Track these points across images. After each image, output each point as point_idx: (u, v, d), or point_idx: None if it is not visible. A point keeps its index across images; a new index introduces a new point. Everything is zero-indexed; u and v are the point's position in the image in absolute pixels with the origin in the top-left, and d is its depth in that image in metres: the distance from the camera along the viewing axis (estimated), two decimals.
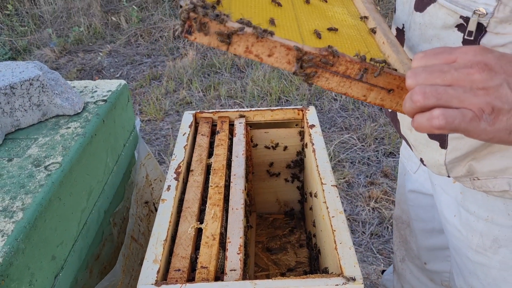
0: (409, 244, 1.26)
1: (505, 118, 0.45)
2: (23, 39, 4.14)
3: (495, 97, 0.45)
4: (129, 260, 1.06)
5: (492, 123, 0.45)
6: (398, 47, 0.67)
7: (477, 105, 0.45)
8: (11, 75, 0.95)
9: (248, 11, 0.65)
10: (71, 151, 0.88)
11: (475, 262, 0.92)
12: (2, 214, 0.72)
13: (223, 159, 1.08)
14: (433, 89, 0.47)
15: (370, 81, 0.58)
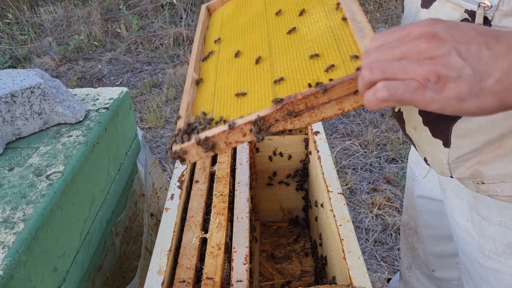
0: (416, 251, 1.24)
1: (453, 85, 0.43)
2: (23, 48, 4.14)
3: (441, 65, 0.44)
4: (145, 271, 1.04)
5: (439, 91, 0.44)
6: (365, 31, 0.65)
7: (422, 74, 0.44)
8: (12, 83, 0.93)
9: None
10: (73, 160, 0.87)
11: (487, 268, 0.90)
12: (3, 225, 0.70)
13: (227, 166, 1.07)
14: (379, 63, 0.46)
15: (334, 97, 0.57)
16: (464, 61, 0.43)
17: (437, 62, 0.44)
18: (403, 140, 2.68)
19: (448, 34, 0.44)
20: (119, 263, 1.07)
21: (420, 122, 0.82)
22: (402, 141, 2.68)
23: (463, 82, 0.43)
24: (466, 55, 0.43)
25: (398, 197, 2.34)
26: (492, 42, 0.44)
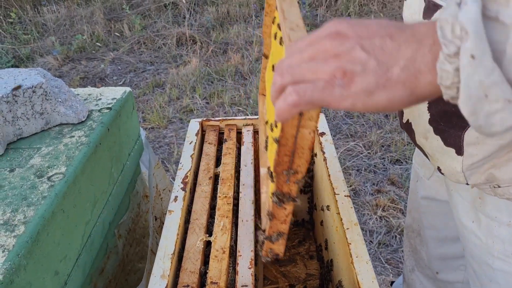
0: (419, 254, 1.23)
1: (360, 79, 0.42)
2: (26, 47, 4.13)
3: (346, 61, 0.43)
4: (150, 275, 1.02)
5: (346, 87, 0.43)
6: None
7: (329, 72, 0.43)
8: (13, 83, 0.92)
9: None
10: (75, 161, 0.85)
11: (496, 269, 0.88)
12: (3, 228, 0.69)
13: (231, 168, 1.05)
14: (288, 67, 0.45)
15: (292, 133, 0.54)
16: (368, 54, 0.43)
17: (342, 58, 0.43)
18: (408, 141, 2.65)
19: (351, 31, 0.44)
20: (122, 266, 1.05)
21: (431, 132, 0.81)
22: (406, 142, 2.66)
23: (369, 74, 0.42)
24: (370, 48, 0.43)
25: (402, 199, 2.32)
26: (396, 33, 0.43)
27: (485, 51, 0.37)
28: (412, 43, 0.42)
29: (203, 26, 4.36)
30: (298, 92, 0.44)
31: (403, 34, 0.43)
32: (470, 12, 0.37)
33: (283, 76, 0.46)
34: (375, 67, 0.42)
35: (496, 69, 0.37)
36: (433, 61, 0.40)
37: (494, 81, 0.36)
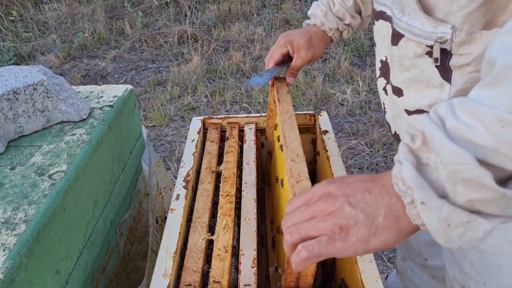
0: (409, 242, 1.26)
1: (355, 231, 0.50)
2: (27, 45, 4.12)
3: (340, 218, 0.51)
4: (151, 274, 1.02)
5: (345, 240, 0.51)
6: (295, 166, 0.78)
7: (328, 229, 0.51)
8: (14, 80, 0.91)
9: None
10: (76, 159, 0.84)
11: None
12: (4, 226, 0.68)
13: (233, 166, 1.04)
14: (295, 227, 0.54)
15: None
16: (356, 209, 0.51)
17: (336, 216, 0.51)
18: None
19: (339, 191, 0.53)
20: (123, 264, 1.05)
21: None
22: None
23: (361, 226, 0.50)
24: (356, 204, 0.51)
25: None
26: (371, 187, 0.52)
27: (430, 196, 0.44)
28: (385, 195, 0.50)
29: (205, 24, 4.35)
30: (307, 249, 0.52)
31: (376, 188, 0.51)
32: (406, 170, 0.46)
33: (291, 235, 0.54)
34: (364, 219, 0.50)
35: (444, 203, 0.44)
36: (403, 207, 0.48)
37: (447, 213, 0.44)
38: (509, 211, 0.43)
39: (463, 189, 0.43)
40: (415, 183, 0.45)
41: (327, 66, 3.50)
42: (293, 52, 1.08)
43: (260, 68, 3.56)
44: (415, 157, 0.46)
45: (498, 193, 0.41)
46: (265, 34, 4.12)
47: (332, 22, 1.08)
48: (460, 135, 0.43)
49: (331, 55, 3.64)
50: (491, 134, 0.41)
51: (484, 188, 0.41)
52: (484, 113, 0.41)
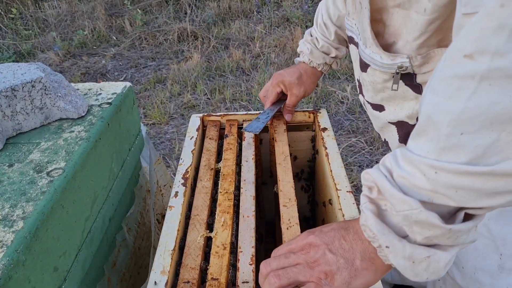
0: None
1: (338, 275, 0.55)
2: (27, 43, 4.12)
3: (324, 264, 0.56)
4: None
5: (331, 284, 0.55)
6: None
7: (315, 275, 0.56)
8: (12, 77, 0.91)
9: None
10: (74, 156, 0.84)
11: None
12: (2, 223, 0.68)
13: (232, 163, 1.04)
14: (284, 271, 0.58)
15: None
16: (336, 255, 0.56)
17: (320, 263, 0.57)
18: None
19: (319, 240, 0.58)
20: (134, 259, 1.05)
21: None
22: None
23: (343, 270, 0.55)
24: (335, 250, 0.57)
25: None
26: (345, 234, 0.57)
27: (392, 239, 0.50)
28: (358, 241, 0.56)
29: (205, 22, 4.34)
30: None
31: (349, 235, 0.57)
32: (368, 218, 0.52)
33: (280, 278, 0.58)
34: (344, 264, 0.55)
35: (405, 244, 0.49)
36: (375, 250, 0.53)
37: (410, 252, 0.49)
38: (460, 240, 0.48)
39: (418, 229, 0.48)
40: (377, 230, 0.51)
41: None
42: (286, 91, 1.16)
43: (259, 66, 3.55)
44: (375, 205, 0.52)
45: (445, 230, 0.47)
46: (265, 31, 4.11)
47: (319, 58, 1.15)
48: (405, 182, 0.48)
49: None
50: (428, 179, 0.46)
51: (433, 226, 0.47)
52: (419, 162, 0.46)
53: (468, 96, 0.43)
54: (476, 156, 0.43)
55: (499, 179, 0.43)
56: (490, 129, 0.42)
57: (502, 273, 0.88)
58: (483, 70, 0.41)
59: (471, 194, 0.44)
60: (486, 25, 0.41)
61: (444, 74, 0.46)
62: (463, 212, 0.48)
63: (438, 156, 0.45)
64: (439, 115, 0.45)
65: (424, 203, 0.47)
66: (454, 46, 0.45)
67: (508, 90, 0.41)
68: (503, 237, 0.87)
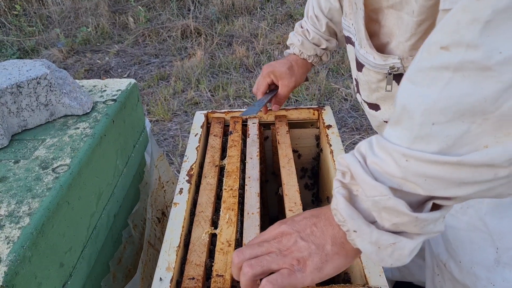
0: None
1: (310, 261, 0.57)
2: (31, 39, 4.13)
3: (296, 251, 0.58)
4: (147, 266, 1.02)
5: (303, 270, 0.57)
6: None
7: (288, 262, 0.57)
8: (18, 74, 0.91)
9: None
10: (80, 153, 0.84)
11: (447, 226, 0.94)
12: (8, 219, 0.68)
13: (237, 160, 1.04)
14: (257, 259, 0.59)
15: None
16: (307, 242, 0.58)
17: (292, 250, 0.58)
18: None
19: (290, 228, 0.60)
20: (140, 255, 1.05)
21: None
22: None
23: (314, 256, 0.57)
24: (306, 238, 0.58)
25: None
26: (316, 221, 0.59)
27: (360, 223, 0.51)
28: (329, 227, 0.57)
29: (208, 19, 4.34)
30: (272, 282, 0.57)
31: (321, 221, 0.58)
32: (339, 203, 0.53)
33: (253, 267, 0.59)
34: (315, 250, 0.57)
35: (373, 229, 0.51)
36: (345, 234, 0.55)
37: (376, 237, 0.50)
38: (426, 230, 0.50)
39: (387, 215, 0.50)
40: (347, 214, 0.52)
41: (331, 61, 3.49)
42: (277, 81, 1.16)
43: (263, 63, 3.55)
44: (347, 190, 0.53)
45: (411, 217, 0.48)
46: (268, 28, 4.10)
47: (310, 49, 1.15)
48: (377, 168, 0.49)
49: (335, 50, 3.62)
50: (399, 167, 0.47)
51: (401, 213, 0.48)
52: (392, 149, 0.48)
53: (442, 87, 0.43)
54: (446, 146, 0.44)
55: (466, 170, 0.43)
56: (461, 120, 0.43)
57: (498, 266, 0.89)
58: (457, 61, 0.42)
59: (439, 183, 0.45)
60: (462, 18, 0.42)
61: (421, 65, 0.46)
62: (432, 202, 0.49)
63: (410, 145, 0.46)
64: (414, 104, 0.46)
65: (394, 190, 0.48)
66: (432, 38, 0.45)
67: (480, 82, 0.41)
68: (499, 231, 0.87)
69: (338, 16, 1.11)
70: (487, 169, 0.43)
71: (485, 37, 0.40)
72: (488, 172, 0.43)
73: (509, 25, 0.39)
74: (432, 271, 1.05)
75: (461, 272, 0.95)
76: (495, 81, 0.40)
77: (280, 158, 1.05)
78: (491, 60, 0.40)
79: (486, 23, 0.40)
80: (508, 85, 0.40)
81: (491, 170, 0.43)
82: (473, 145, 0.43)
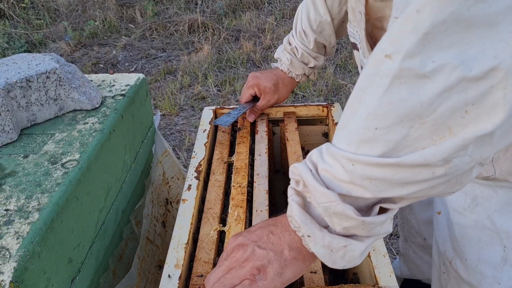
0: (410, 223, 1.32)
1: (270, 268, 0.58)
2: (38, 32, 4.13)
3: (255, 260, 0.59)
4: (145, 262, 1.02)
5: (264, 278, 0.58)
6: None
7: (248, 272, 0.58)
8: (27, 68, 0.91)
9: None
10: (89, 148, 0.84)
11: (455, 223, 0.94)
12: (17, 214, 0.68)
13: (245, 157, 1.04)
14: (218, 282, 0.60)
15: None
16: (265, 250, 0.59)
17: (250, 260, 0.59)
18: None
19: (246, 240, 0.61)
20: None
21: None
22: None
23: (273, 262, 0.58)
24: (264, 245, 0.59)
25: None
26: (273, 229, 0.60)
27: (313, 228, 0.53)
28: (285, 233, 0.59)
29: (215, 13, 4.32)
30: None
31: (277, 228, 0.60)
32: (294, 209, 0.55)
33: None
34: (274, 256, 0.58)
35: (325, 233, 0.53)
36: (301, 240, 0.56)
37: (328, 241, 0.53)
38: (374, 232, 0.52)
39: (337, 220, 0.52)
40: (301, 219, 0.54)
41: (338, 57, 3.47)
42: (260, 94, 1.16)
43: (270, 58, 3.53)
44: (301, 197, 0.55)
45: (359, 221, 0.50)
46: (276, 23, 4.08)
47: (298, 68, 1.15)
48: (327, 175, 0.51)
49: (342, 46, 3.60)
50: (346, 171, 0.49)
51: (349, 218, 0.50)
52: (339, 155, 0.50)
53: (382, 93, 0.46)
54: (388, 149, 0.46)
55: (406, 170, 0.46)
56: (401, 125, 0.45)
57: (505, 265, 0.89)
58: (395, 69, 0.44)
59: (384, 184, 0.48)
60: (403, 28, 0.44)
61: (368, 72, 0.48)
62: (378, 206, 0.52)
63: (355, 149, 0.48)
64: (360, 109, 0.48)
65: (343, 196, 0.50)
66: (379, 45, 0.48)
67: (416, 88, 0.44)
68: (507, 229, 0.87)
69: (328, 29, 1.10)
70: (424, 169, 0.46)
71: (421, 47, 0.43)
72: (426, 172, 0.46)
73: (444, 37, 0.42)
74: (439, 269, 1.04)
75: (467, 270, 0.94)
76: (429, 87, 0.43)
77: (289, 155, 1.04)
78: (425, 68, 0.43)
79: (424, 34, 0.43)
80: (441, 90, 0.43)
81: (428, 169, 0.46)
82: (412, 147, 0.46)
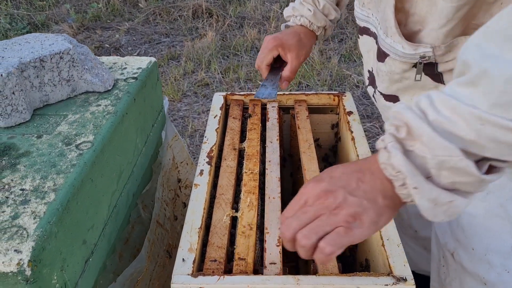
0: (401, 216, 1.33)
1: (365, 216, 0.55)
2: (41, 14, 4.09)
3: (348, 207, 0.55)
4: (154, 246, 1.02)
5: (361, 225, 0.55)
6: None
7: (342, 219, 0.55)
8: (40, 48, 0.90)
9: None
10: (102, 130, 0.84)
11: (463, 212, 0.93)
12: (34, 194, 0.68)
13: (256, 144, 1.03)
14: (309, 228, 0.56)
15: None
16: (358, 197, 0.56)
17: (344, 207, 0.55)
18: None
19: (333, 186, 0.57)
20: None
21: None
22: None
23: (369, 210, 0.55)
24: (355, 193, 0.56)
25: None
26: (361, 176, 0.57)
27: (421, 181, 0.50)
28: (376, 180, 0.56)
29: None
30: (330, 243, 0.55)
31: (366, 176, 0.57)
32: (396, 158, 0.51)
33: (308, 238, 0.56)
34: (368, 204, 0.55)
35: (432, 187, 0.50)
36: (393, 187, 0.54)
37: (436, 195, 0.50)
38: (481, 189, 0.51)
39: (448, 174, 0.49)
40: (407, 170, 0.51)
41: (343, 47, 3.45)
42: (285, 55, 1.04)
43: None
44: (401, 145, 0.52)
45: (477, 178, 0.48)
46: (281, 11, 4.05)
47: (321, 20, 1.08)
48: (442, 128, 0.48)
49: (347, 36, 3.58)
50: (472, 129, 0.46)
51: (468, 174, 0.48)
52: (465, 111, 0.47)
53: None
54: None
55: None
56: None
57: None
58: None
59: (510, 149, 0.47)
60: None
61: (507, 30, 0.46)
62: (489, 163, 0.50)
63: (488, 109, 0.46)
64: (497, 70, 0.45)
65: (463, 152, 0.48)
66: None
67: None
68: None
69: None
70: None
71: None
72: None
73: None
74: (438, 262, 1.04)
75: (472, 260, 0.94)
76: None
77: (300, 143, 1.04)
78: None
79: None
80: None
81: None
82: None
